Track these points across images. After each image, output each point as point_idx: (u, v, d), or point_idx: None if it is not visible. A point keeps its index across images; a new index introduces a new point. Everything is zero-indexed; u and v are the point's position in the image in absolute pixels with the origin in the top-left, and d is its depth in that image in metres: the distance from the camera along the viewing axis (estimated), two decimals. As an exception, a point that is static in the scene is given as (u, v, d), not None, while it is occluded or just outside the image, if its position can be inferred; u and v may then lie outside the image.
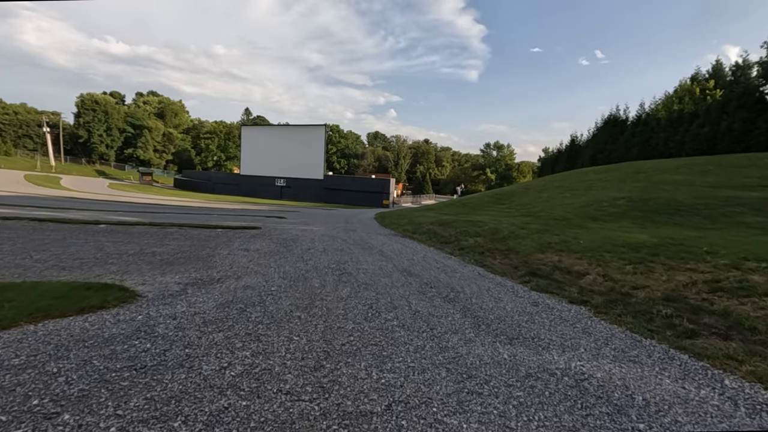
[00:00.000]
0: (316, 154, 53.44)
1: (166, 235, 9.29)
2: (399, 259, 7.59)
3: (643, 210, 12.33)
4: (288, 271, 5.92)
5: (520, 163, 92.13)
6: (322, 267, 6.38)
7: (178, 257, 6.53)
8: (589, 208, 14.81)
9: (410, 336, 3.45)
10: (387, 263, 7.12)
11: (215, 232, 10.68)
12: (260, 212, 23.94)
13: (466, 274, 6.41)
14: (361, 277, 5.77)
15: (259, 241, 9.20)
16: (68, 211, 15.43)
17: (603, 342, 3.52)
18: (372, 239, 11.08)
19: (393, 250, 8.79)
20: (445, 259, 7.95)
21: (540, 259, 6.69)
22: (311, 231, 12.49)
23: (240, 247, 8.01)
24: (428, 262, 7.41)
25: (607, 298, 4.60)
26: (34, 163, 57.93)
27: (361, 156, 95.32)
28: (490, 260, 7.33)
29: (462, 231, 11.11)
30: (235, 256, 6.90)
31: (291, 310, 3.99)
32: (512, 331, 3.74)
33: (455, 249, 8.93)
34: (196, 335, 3.12)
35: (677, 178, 18.75)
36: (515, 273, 6.33)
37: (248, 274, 5.55)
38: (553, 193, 22.20)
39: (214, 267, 5.87)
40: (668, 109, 33.94)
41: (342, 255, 7.73)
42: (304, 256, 7.37)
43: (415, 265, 7.12)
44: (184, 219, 14.63)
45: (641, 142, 34.60)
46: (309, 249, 8.35)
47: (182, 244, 8.05)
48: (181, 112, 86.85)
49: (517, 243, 8.09)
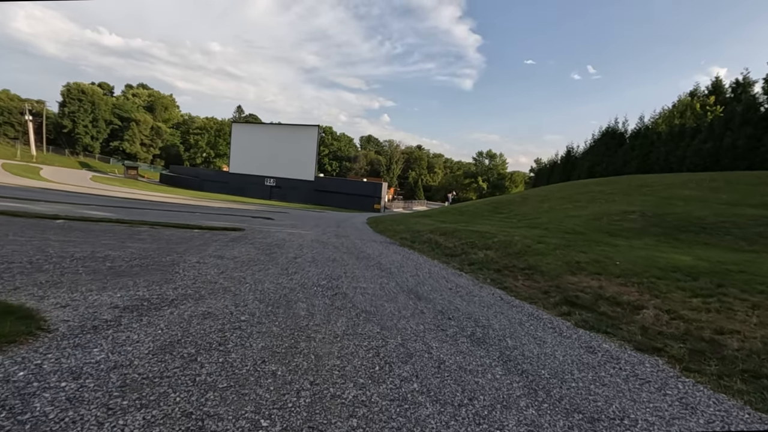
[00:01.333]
0: (307, 154, 52.07)
1: (132, 236, 7.97)
2: (402, 275, 6.40)
3: (662, 226, 11.35)
4: (267, 289, 4.68)
5: (513, 172, 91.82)
6: (311, 284, 5.16)
7: (134, 265, 5.24)
8: (599, 222, 13.83)
9: (443, 416, 2.25)
10: (389, 280, 5.92)
11: (191, 233, 9.37)
12: (247, 212, 22.55)
13: (487, 299, 5.25)
14: (359, 301, 4.55)
15: (239, 246, 7.93)
16: (37, 203, 13.94)
17: (726, 428, 2.37)
18: (367, 247, 9.88)
19: (393, 263, 7.60)
20: (456, 276, 6.78)
21: (574, 283, 5.56)
22: (300, 235, 11.24)
23: (214, 253, 6.74)
24: (437, 281, 6.23)
25: (688, 347, 3.47)
26: (14, 152, 55.43)
27: (354, 159, 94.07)
28: (511, 281, 6.18)
29: (468, 242, 9.97)
30: (204, 265, 5.63)
31: (263, 360, 2.75)
32: (585, 403, 2.57)
33: (464, 263, 7.78)
34: (97, 418, 1.88)
35: (687, 193, 17.94)
36: (547, 300, 5.18)
37: (214, 293, 4.30)
38: (555, 203, 21.27)
39: (173, 281, 4.60)
40: (669, 123, 33.54)
41: (334, 267, 6.51)
42: (290, 267, 6.13)
43: (423, 283, 5.94)
44: (162, 216, 13.24)
45: (641, 156, 34.05)
46: (296, 258, 7.12)
47: (146, 247, 6.75)
48: (171, 106, 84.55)
49: (538, 260, 6.97)
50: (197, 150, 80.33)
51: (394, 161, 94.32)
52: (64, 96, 65.95)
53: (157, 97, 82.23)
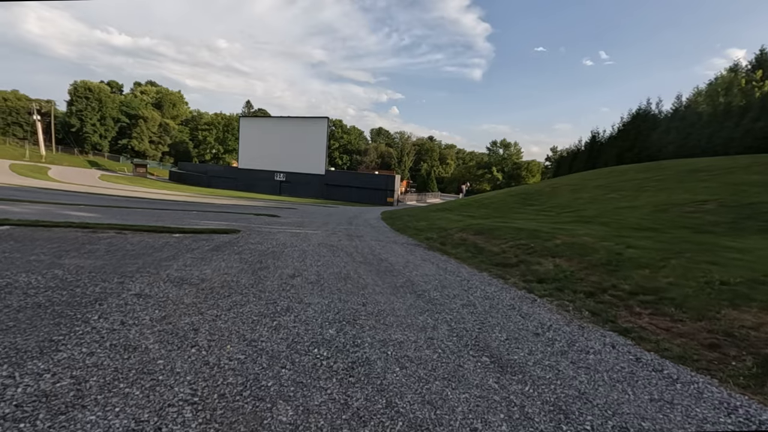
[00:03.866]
0: (317, 148, 50.03)
1: (82, 246, 6.02)
2: (452, 305, 4.26)
3: (758, 219, 8.93)
4: (225, 367, 2.58)
5: (530, 161, 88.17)
6: (309, 342, 3.05)
7: (26, 306, 3.22)
8: (667, 214, 11.43)
9: None
10: (434, 319, 3.79)
11: (166, 239, 7.38)
12: (252, 209, 20.62)
13: (620, 368, 3.03)
14: (398, 389, 2.44)
15: (220, 257, 5.89)
16: (19, 203, 12.23)
17: None
18: (388, 253, 7.76)
19: (430, 280, 5.46)
20: (530, 305, 4.59)
21: (753, 325, 3.34)
22: (305, 237, 9.18)
23: (175, 274, 4.70)
24: (507, 317, 4.07)
25: None
26: (23, 152, 54.75)
27: (364, 152, 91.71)
28: (627, 316, 3.97)
29: (519, 245, 7.75)
30: (144, 301, 3.59)
31: None
32: None
33: (529, 280, 5.59)
34: None
35: (755, 178, 15.26)
36: (730, 366, 2.97)
37: (108, 387, 2.23)
38: (595, 193, 18.76)
39: (48, 355, 2.55)
40: (711, 102, 30.26)
41: (348, 295, 4.40)
42: (280, 300, 4.04)
43: (488, 324, 3.78)
44: (149, 216, 11.35)
45: (679, 139, 31.00)
46: (293, 277, 5.04)
47: (84, 265, 4.75)
48: (179, 102, 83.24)
49: (650, 278, 4.74)
50: (206, 146, 79.10)
51: (406, 153, 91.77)
52: (71, 94, 65.12)
53: (165, 93, 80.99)
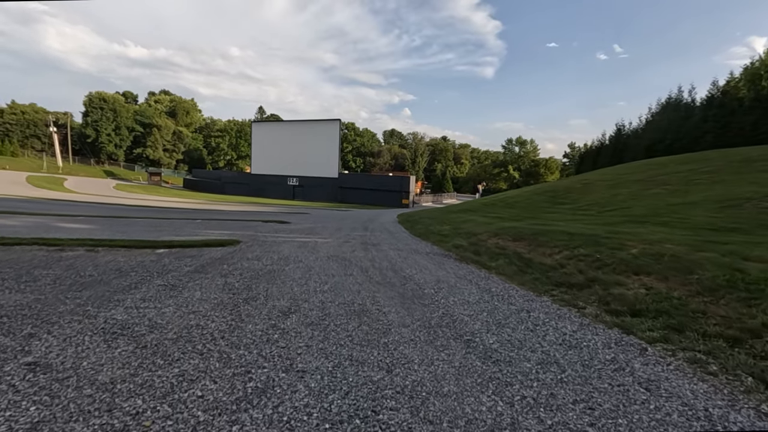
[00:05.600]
0: (330, 151, 48.93)
1: (27, 272, 4.79)
2: (525, 372, 2.75)
3: None
4: None
5: (548, 158, 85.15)
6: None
7: None
8: (739, 210, 9.63)
9: None
10: (514, 409, 2.30)
11: (143, 257, 6.07)
12: (262, 214, 19.42)
13: None
14: None
15: (196, 284, 4.51)
16: (13, 216, 11.29)
17: None
18: (413, 268, 6.27)
19: (476, 313, 3.95)
20: (647, 362, 3.05)
21: None
22: (313, 247, 7.78)
23: (121, 317, 3.33)
24: (630, 397, 2.54)
25: None
26: (41, 164, 55.35)
27: (377, 154, 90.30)
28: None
29: (578, 255, 6.15)
30: (30, 384, 2.20)
31: None
32: None
33: (619, 312, 4.01)
34: None
35: (829, 166, 13.27)
36: None
37: None
38: (636, 189, 16.85)
39: None
40: (754, 87, 27.73)
41: (364, 348, 2.93)
42: (258, 362, 2.60)
43: (599, 424, 2.28)
44: (148, 227, 10.15)
45: (717, 128, 28.58)
46: (288, 314, 3.62)
47: (15, 301, 3.44)
48: (193, 110, 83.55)
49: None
50: (219, 153, 79.09)
51: (419, 154, 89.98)
52: (86, 105, 65.88)
53: (179, 101, 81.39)
